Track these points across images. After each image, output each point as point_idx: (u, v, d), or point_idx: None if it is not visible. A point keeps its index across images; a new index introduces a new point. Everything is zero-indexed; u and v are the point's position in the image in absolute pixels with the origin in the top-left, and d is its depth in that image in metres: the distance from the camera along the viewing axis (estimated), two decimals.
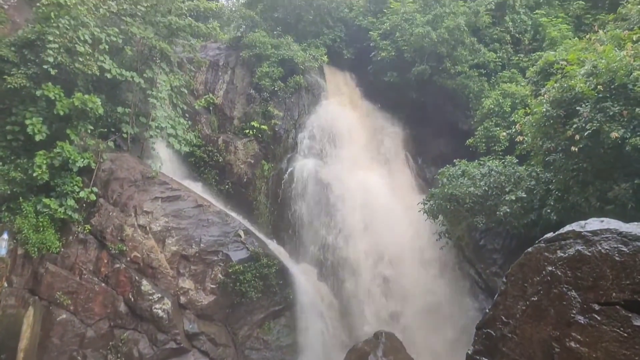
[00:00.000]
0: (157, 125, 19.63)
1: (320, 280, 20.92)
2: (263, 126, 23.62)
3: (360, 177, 23.00)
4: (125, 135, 19.94)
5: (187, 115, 22.13)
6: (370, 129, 25.53)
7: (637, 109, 11.70)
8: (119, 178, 18.54)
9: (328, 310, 19.90)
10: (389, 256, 21.10)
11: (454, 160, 18.59)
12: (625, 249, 5.08)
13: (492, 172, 16.71)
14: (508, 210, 15.53)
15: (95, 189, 17.77)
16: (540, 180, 14.98)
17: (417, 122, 25.70)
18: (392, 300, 20.54)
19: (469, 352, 5.88)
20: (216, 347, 17.69)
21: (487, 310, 6.02)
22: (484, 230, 18.89)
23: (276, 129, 24.01)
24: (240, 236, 19.14)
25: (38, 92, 16.95)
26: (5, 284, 15.61)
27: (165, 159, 20.31)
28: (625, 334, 4.72)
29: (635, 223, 5.57)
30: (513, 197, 15.22)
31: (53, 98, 16.99)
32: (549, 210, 13.91)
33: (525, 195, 15.12)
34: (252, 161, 23.20)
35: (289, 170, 23.18)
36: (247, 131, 23.68)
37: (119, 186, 18.42)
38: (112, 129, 20.06)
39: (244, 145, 23.37)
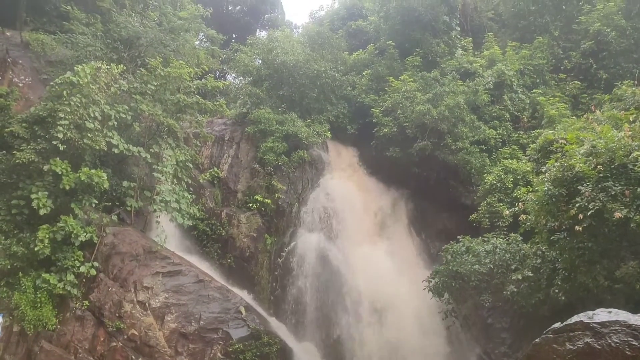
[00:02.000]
0: (161, 199, 19.75)
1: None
2: (266, 200, 23.73)
3: (364, 252, 22.82)
4: (129, 209, 20.01)
5: (191, 189, 22.31)
6: (373, 204, 25.59)
7: (639, 189, 11.73)
8: (120, 252, 18.41)
9: None
10: (397, 337, 20.48)
11: (458, 237, 18.47)
12: (636, 343, 4.92)
13: (497, 249, 16.55)
14: (515, 289, 15.26)
15: (96, 264, 17.61)
16: (546, 259, 14.79)
17: (420, 197, 25.80)
18: None
19: None
20: None
21: None
22: (490, 308, 18.44)
23: (279, 203, 24.09)
24: (241, 313, 18.70)
25: (45, 167, 17.20)
26: None
27: (168, 233, 20.25)
28: None
29: None
30: (520, 277, 14.98)
31: (60, 173, 17.20)
32: (556, 290, 13.63)
33: (531, 275, 14.88)
34: (255, 235, 23.10)
35: (292, 244, 23.04)
36: (250, 205, 23.76)
37: (120, 261, 18.25)
38: (117, 203, 20.17)
39: (247, 219, 23.36)
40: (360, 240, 23.58)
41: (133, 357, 16.81)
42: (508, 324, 18.54)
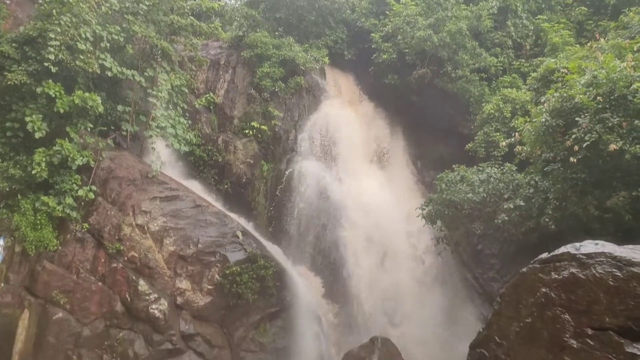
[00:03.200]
0: (157, 124, 19.61)
1: (318, 284, 20.92)
2: (263, 126, 23.60)
3: (360, 180, 23.02)
4: (125, 134, 19.92)
5: (187, 114, 22.11)
6: (370, 132, 25.51)
7: (636, 121, 11.70)
8: (117, 177, 18.53)
9: (324, 313, 19.91)
10: (388, 260, 21.11)
11: (453, 166, 18.59)
12: (619, 274, 5.08)
13: (491, 178, 16.71)
14: (506, 217, 15.54)
15: (93, 187, 17.76)
16: (539, 189, 14.98)
17: (417, 126, 25.69)
18: (389, 305, 20.53)
19: None
20: (212, 349, 17.71)
21: (481, 330, 6.03)
22: (481, 236, 18.88)
23: (276, 130, 23.99)
24: (238, 237, 19.14)
25: (38, 90, 16.91)
26: (2, 284, 15.62)
27: (164, 158, 20.28)
28: None
29: (630, 246, 5.57)
30: (511, 205, 15.22)
31: (53, 95, 16.95)
32: (547, 219, 13.91)
33: (523, 204, 15.11)
34: (252, 161, 23.18)
35: (289, 171, 23.18)
36: (247, 131, 23.65)
37: (117, 185, 18.41)
38: (112, 127, 20.05)
39: (244, 145, 23.35)
40: (357, 168, 23.71)
41: (134, 277, 17.36)
42: (497, 251, 19.05)
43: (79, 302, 16.61)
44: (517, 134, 15.62)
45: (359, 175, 23.13)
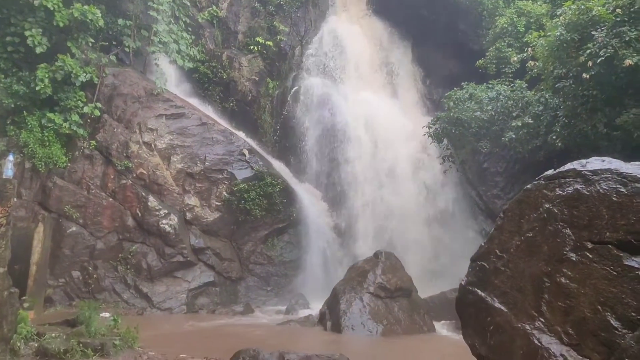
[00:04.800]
0: (159, 40, 19.13)
1: (324, 201, 21.28)
2: (268, 42, 22.97)
3: (368, 97, 22.70)
4: (127, 49, 19.49)
5: (189, 29, 21.48)
6: (378, 47, 24.83)
7: None
8: (122, 94, 18.37)
9: (330, 228, 20.41)
10: (393, 178, 21.26)
11: (462, 83, 18.22)
12: (623, 190, 5.08)
13: (500, 96, 16.42)
14: (514, 136, 15.46)
15: (99, 105, 17.67)
16: (549, 106, 14.76)
17: (426, 41, 24.92)
18: (394, 221, 20.93)
19: (462, 283, 6.08)
20: (221, 261, 18.39)
21: (482, 244, 6.16)
22: (487, 154, 18.90)
23: (282, 46, 23.37)
24: (245, 155, 19.26)
25: (36, 2, 16.38)
26: (15, 199, 15.96)
27: (168, 75, 19.99)
28: (615, 273, 4.83)
29: (637, 163, 5.53)
30: (519, 123, 15.08)
31: (52, 8, 16.46)
32: (554, 137, 13.83)
33: (532, 121, 14.96)
34: (257, 79, 22.80)
35: (295, 88, 22.86)
36: (251, 47, 23.07)
37: (122, 102, 18.30)
38: (114, 42, 19.61)
39: (249, 62, 22.87)
40: (365, 86, 23.32)
41: (143, 193, 17.70)
42: (503, 169, 19.15)
43: (91, 216, 17.06)
44: (530, 49, 15.18)
45: (365, 92, 22.78)
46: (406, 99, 23.72)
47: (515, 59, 16.35)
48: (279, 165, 20.79)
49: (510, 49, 19.02)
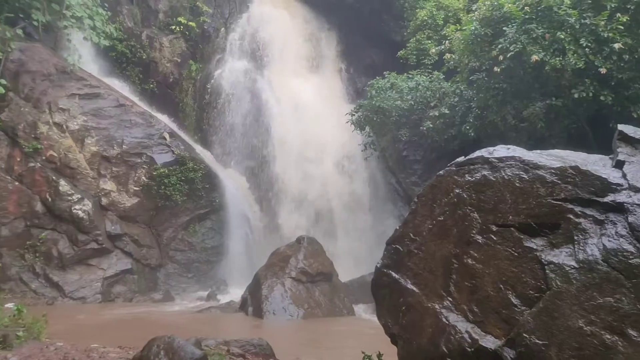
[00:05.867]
0: (72, 14, 17.99)
1: (249, 186, 21.11)
2: (191, 23, 22.29)
3: (293, 84, 22.66)
4: (36, 23, 18.17)
5: (106, 5, 20.36)
6: (303, 33, 24.78)
7: (558, 33, 12.08)
8: (30, 71, 17.18)
9: (254, 214, 20.31)
10: (318, 165, 21.43)
11: (384, 73, 18.64)
12: (525, 176, 5.41)
13: (420, 86, 16.98)
14: (431, 125, 16.06)
15: (3, 81, 16.41)
16: (463, 98, 15.45)
17: (351, 30, 25.18)
18: (317, 208, 21.15)
19: (378, 266, 6.27)
20: (140, 248, 17.80)
21: (397, 228, 6.38)
22: (407, 142, 19.53)
23: (205, 27, 22.77)
24: (166, 139, 18.69)
25: None
26: None
27: (83, 53, 18.89)
28: (516, 254, 5.15)
29: (538, 151, 5.91)
30: (437, 113, 15.69)
31: None
32: (468, 127, 14.52)
33: (448, 112, 15.61)
34: (179, 60, 22.10)
35: (218, 72, 22.38)
36: (173, 27, 22.28)
37: (30, 80, 17.12)
38: (21, 15, 18.21)
39: (170, 43, 22.10)
40: (289, 72, 23.23)
41: (54, 177, 16.73)
42: (421, 157, 19.87)
43: None
44: (447, 42, 15.75)
45: (289, 78, 22.72)
46: (330, 86, 23.91)
47: (434, 51, 16.95)
48: (201, 150, 20.34)
49: (430, 41, 19.64)
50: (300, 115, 21.70)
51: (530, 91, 13.64)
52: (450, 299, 5.36)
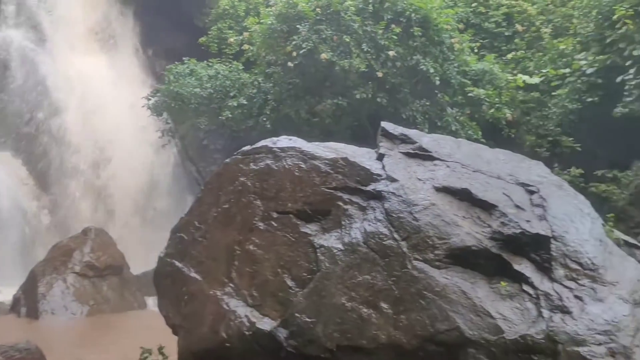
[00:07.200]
0: None
1: (27, 171, 18.72)
2: None
3: (81, 63, 20.68)
4: None
5: None
6: (96, 7, 22.77)
7: (344, 36, 13.13)
8: None
9: (31, 204, 18.11)
10: (109, 151, 19.99)
11: (184, 58, 18.14)
12: (304, 166, 5.76)
13: (219, 75, 16.90)
14: (230, 115, 16.13)
15: None
16: (261, 90, 15.83)
17: (151, 10, 23.79)
18: (109, 196, 19.78)
19: (161, 255, 6.13)
20: None
21: (183, 216, 6.30)
22: (208, 131, 19.34)
23: None
24: None
25: None
26: None
27: None
28: (293, 239, 5.46)
29: (317, 143, 6.32)
30: (235, 103, 15.82)
31: None
32: (264, 119, 14.96)
33: (246, 103, 15.84)
34: None
35: None
36: None
37: None
38: None
39: None
40: (78, 49, 21.16)
41: None
42: (222, 146, 19.91)
43: None
44: (247, 33, 15.98)
45: (79, 56, 20.72)
46: (126, 68, 22.41)
47: (233, 40, 17.03)
48: None
49: (232, 31, 19.63)
50: (89, 96, 19.94)
51: (322, 89, 14.57)
52: (232, 285, 5.48)
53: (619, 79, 12.28)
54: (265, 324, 5.07)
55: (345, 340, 4.56)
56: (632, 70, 11.97)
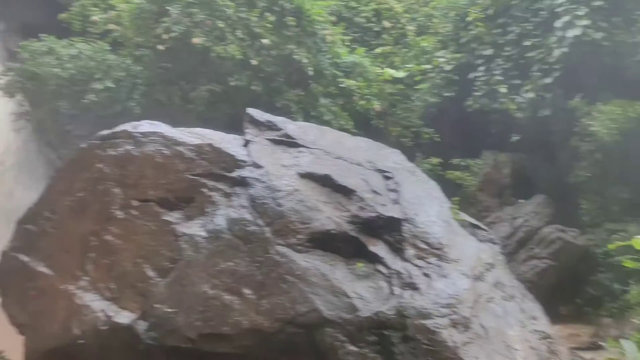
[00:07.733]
0: None
1: None
2: None
3: None
4: None
5: None
6: None
7: (217, 21, 12.84)
8: None
9: None
10: None
11: (41, 35, 16.57)
12: (167, 152, 5.59)
13: (82, 55, 15.65)
14: (95, 98, 15.03)
15: None
16: (130, 73, 14.93)
17: None
18: None
19: (6, 250, 5.60)
20: None
21: (31, 206, 5.79)
22: (71, 116, 17.89)
23: None
24: None
25: None
26: None
27: None
28: (155, 228, 5.28)
29: (182, 129, 6.14)
30: (101, 86, 14.76)
31: None
32: (133, 104, 14.17)
33: (113, 86, 14.84)
34: None
35: None
36: None
37: None
38: None
39: None
40: None
41: None
42: (87, 132, 18.29)
43: None
44: (113, 12, 15.00)
45: None
46: None
47: (96, 18, 15.85)
48: None
49: (97, 9, 18.28)
50: None
51: (196, 75, 14.11)
52: (87, 278, 5.17)
53: (471, 76, 13.57)
54: (124, 317, 4.87)
55: (207, 329, 4.51)
56: (481, 68, 13.32)
